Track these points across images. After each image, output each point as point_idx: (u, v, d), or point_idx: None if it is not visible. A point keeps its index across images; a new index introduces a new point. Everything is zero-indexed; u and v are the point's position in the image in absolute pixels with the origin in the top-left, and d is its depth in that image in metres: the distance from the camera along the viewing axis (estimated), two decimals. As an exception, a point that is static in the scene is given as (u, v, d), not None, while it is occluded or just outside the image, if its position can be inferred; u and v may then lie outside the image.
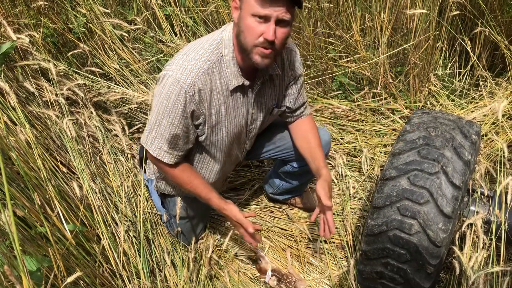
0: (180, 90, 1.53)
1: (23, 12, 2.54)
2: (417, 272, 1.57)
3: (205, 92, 1.58)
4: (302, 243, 2.27)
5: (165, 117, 1.58)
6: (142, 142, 1.70)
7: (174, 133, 1.62)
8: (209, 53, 1.58)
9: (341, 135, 2.77)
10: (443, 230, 1.50)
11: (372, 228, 1.60)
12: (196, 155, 1.84)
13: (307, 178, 2.25)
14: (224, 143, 1.78)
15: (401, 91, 2.91)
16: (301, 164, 2.11)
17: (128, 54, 2.84)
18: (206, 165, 1.88)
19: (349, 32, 2.93)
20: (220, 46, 1.59)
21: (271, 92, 1.81)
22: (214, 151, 1.81)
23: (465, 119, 1.74)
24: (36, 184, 1.68)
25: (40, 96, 2.23)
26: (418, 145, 1.62)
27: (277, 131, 2.08)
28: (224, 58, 1.59)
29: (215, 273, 2.10)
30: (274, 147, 2.10)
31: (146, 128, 1.68)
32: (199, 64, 1.55)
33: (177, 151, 1.69)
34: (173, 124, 1.59)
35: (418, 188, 1.53)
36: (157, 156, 1.67)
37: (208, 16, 3.14)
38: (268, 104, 1.83)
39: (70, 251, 1.57)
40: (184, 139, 1.67)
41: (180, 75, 1.53)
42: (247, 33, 1.47)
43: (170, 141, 1.64)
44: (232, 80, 1.62)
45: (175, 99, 1.54)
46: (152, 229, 2.03)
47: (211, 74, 1.57)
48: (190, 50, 1.59)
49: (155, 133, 1.63)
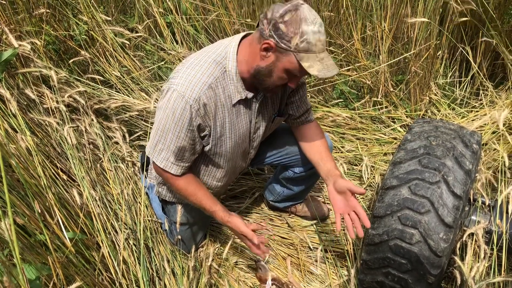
0: (185, 104, 1.53)
1: (25, 20, 2.55)
2: (418, 282, 1.56)
3: (210, 106, 1.59)
4: (303, 251, 2.26)
5: (171, 131, 1.59)
6: (148, 153, 1.69)
7: (181, 145, 1.62)
8: (213, 67, 1.58)
9: (341, 143, 2.77)
10: (444, 240, 1.49)
11: (373, 237, 1.60)
12: (201, 165, 1.84)
13: (309, 184, 2.25)
14: (228, 153, 1.78)
15: (401, 99, 2.91)
16: (302, 169, 2.12)
17: (129, 62, 2.84)
18: (210, 174, 1.88)
19: (350, 41, 2.94)
20: (225, 61, 1.59)
21: (274, 101, 1.82)
22: (218, 161, 1.81)
23: (466, 129, 1.74)
24: (36, 191, 1.67)
25: (41, 103, 2.23)
26: (419, 154, 1.62)
27: (279, 136, 2.08)
28: (228, 73, 1.59)
29: (215, 282, 2.09)
30: (276, 153, 2.10)
31: (151, 139, 1.67)
32: (203, 78, 1.55)
33: (184, 162, 1.69)
34: (179, 137, 1.60)
35: (419, 198, 1.53)
36: (164, 168, 1.68)
37: (210, 24, 3.15)
38: (270, 112, 1.84)
39: (69, 259, 1.56)
40: (191, 151, 1.68)
41: (185, 89, 1.53)
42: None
43: (176, 153, 1.64)
44: (235, 94, 1.63)
45: (180, 113, 1.55)
46: (152, 237, 2.03)
47: (215, 88, 1.58)
48: (194, 64, 1.59)
49: (162, 145, 1.63)
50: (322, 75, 1.47)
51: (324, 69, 1.47)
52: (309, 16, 1.42)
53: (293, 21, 1.42)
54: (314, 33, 1.43)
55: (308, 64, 1.46)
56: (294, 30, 1.42)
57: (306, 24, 1.42)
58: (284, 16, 1.43)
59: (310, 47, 1.44)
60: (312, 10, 1.45)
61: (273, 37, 1.45)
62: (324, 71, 1.47)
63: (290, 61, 1.48)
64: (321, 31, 1.45)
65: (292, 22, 1.42)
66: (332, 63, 1.51)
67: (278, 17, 1.43)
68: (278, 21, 1.43)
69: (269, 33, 1.46)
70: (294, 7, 1.43)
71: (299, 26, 1.42)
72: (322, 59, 1.47)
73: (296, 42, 1.43)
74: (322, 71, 1.47)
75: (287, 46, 1.45)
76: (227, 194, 2.52)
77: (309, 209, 2.39)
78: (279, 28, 1.43)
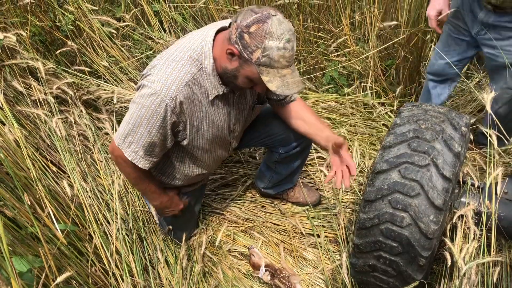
0: (160, 102, 1.52)
1: (9, 11, 2.51)
2: (409, 264, 1.58)
3: (186, 103, 1.58)
4: (295, 237, 2.27)
5: (143, 125, 1.57)
6: (117, 143, 1.65)
7: (151, 141, 1.60)
8: (189, 64, 1.56)
9: (332, 129, 2.78)
10: (434, 222, 1.50)
11: (364, 221, 1.61)
12: (179, 157, 1.83)
13: (296, 165, 2.24)
14: (206, 145, 1.78)
15: (391, 84, 2.91)
16: (286, 149, 2.13)
17: (117, 52, 2.82)
18: (190, 164, 1.87)
19: (339, 26, 2.93)
20: (200, 57, 1.57)
21: (252, 90, 1.81)
22: (196, 153, 1.81)
23: (454, 111, 1.75)
24: (26, 184, 1.66)
25: (28, 95, 2.21)
26: (409, 138, 1.62)
27: (261, 118, 2.08)
28: (204, 69, 1.58)
29: (208, 270, 2.10)
30: (259, 135, 2.10)
31: (121, 129, 1.64)
32: (180, 76, 1.54)
33: (153, 158, 1.68)
34: (151, 133, 1.58)
35: (409, 181, 1.54)
36: (132, 161, 1.65)
37: (197, 12, 3.12)
38: (249, 102, 1.84)
39: (61, 250, 1.56)
40: (161, 147, 1.66)
41: (161, 87, 1.51)
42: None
43: (146, 148, 1.62)
44: (212, 90, 1.62)
45: (154, 111, 1.53)
46: (144, 227, 2.03)
47: (192, 86, 1.57)
48: (170, 60, 1.56)
49: (132, 138, 1.61)
50: (280, 91, 1.45)
51: (284, 86, 1.46)
52: (275, 31, 1.39)
53: (257, 35, 1.39)
54: (279, 49, 1.40)
55: (268, 79, 1.44)
56: (256, 44, 1.40)
57: (271, 40, 1.39)
58: (250, 27, 1.40)
59: (272, 63, 1.42)
60: (282, 24, 1.41)
61: (238, 44, 1.43)
62: (283, 88, 1.46)
63: (252, 71, 1.47)
64: (287, 47, 1.41)
65: (256, 35, 1.39)
66: (295, 81, 1.49)
67: (245, 26, 1.40)
68: (244, 30, 1.41)
69: (235, 39, 1.44)
70: (263, 18, 1.39)
71: (262, 40, 1.39)
72: (283, 75, 1.46)
73: (257, 55, 1.41)
74: (281, 87, 1.45)
75: (249, 57, 1.43)
76: (219, 182, 2.53)
77: (301, 195, 2.40)
78: (243, 38, 1.41)
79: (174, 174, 1.89)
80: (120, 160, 1.69)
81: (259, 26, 1.39)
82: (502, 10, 1.91)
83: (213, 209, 2.41)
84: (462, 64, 2.32)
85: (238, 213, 2.40)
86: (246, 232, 2.32)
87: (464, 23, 2.13)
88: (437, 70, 2.39)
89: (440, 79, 2.43)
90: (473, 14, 2.05)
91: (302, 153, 2.18)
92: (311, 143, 2.18)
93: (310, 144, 2.19)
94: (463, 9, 2.09)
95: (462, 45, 2.21)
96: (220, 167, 2.57)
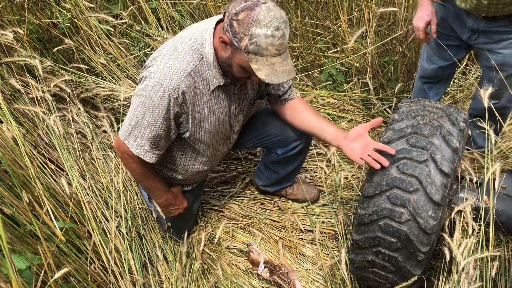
0: (163, 93, 1.52)
1: (6, 8, 2.50)
2: (408, 259, 1.58)
3: (188, 94, 1.58)
4: (294, 234, 2.28)
5: (147, 118, 1.57)
6: (123, 139, 1.65)
7: (156, 133, 1.61)
8: (191, 54, 1.56)
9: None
10: (433, 218, 1.50)
11: (363, 217, 1.61)
12: (183, 151, 1.83)
13: (294, 165, 2.24)
14: (208, 138, 1.78)
15: (389, 80, 2.91)
16: (284, 150, 2.12)
17: (114, 49, 2.81)
18: (192, 159, 1.87)
19: (337, 23, 2.93)
20: (201, 47, 1.57)
21: (253, 85, 1.82)
22: (198, 146, 1.81)
23: (453, 107, 1.75)
24: (24, 181, 1.66)
25: (26, 93, 2.21)
26: (407, 133, 1.63)
27: (260, 118, 2.08)
28: (205, 60, 1.58)
29: (207, 267, 2.10)
30: (257, 135, 2.10)
31: (125, 124, 1.64)
32: (182, 66, 1.54)
33: (159, 150, 1.68)
34: (156, 125, 1.58)
35: (407, 177, 1.54)
36: (138, 155, 1.65)
37: (195, 8, 3.12)
38: (250, 96, 1.84)
39: (60, 248, 1.56)
40: (166, 139, 1.67)
41: (164, 77, 1.52)
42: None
43: (152, 141, 1.63)
44: (213, 80, 1.62)
45: (157, 102, 1.53)
46: (143, 224, 2.03)
47: (194, 76, 1.57)
48: (171, 52, 1.57)
49: (137, 132, 1.61)
50: (269, 80, 1.45)
51: (273, 74, 1.45)
52: (263, 18, 1.39)
53: (244, 22, 1.39)
54: (266, 37, 1.40)
55: (256, 67, 1.45)
56: (244, 31, 1.40)
57: (258, 27, 1.39)
58: (238, 14, 1.40)
59: (260, 51, 1.42)
60: (271, 11, 1.40)
61: (228, 32, 1.44)
62: (272, 76, 1.45)
63: (242, 59, 1.47)
64: (275, 35, 1.40)
65: (244, 22, 1.40)
66: (285, 70, 1.48)
67: (234, 14, 1.41)
68: (233, 18, 1.41)
69: (226, 27, 1.44)
70: (251, 5, 1.40)
71: (249, 28, 1.39)
72: (273, 64, 1.45)
73: (245, 43, 1.42)
74: (270, 76, 1.45)
75: (238, 45, 1.44)
76: (218, 179, 2.53)
77: (300, 192, 2.40)
78: (233, 26, 1.42)
79: (175, 169, 1.89)
80: (126, 156, 1.69)
81: (247, 13, 1.39)
82: (493, 17, 1.88)
83: (212, 206, 2.41)
84: (455, 65, 2.30)
85: (237, 210, 2.40)
86: (245, 228, 2.32)
87: (452, 31, 2.10)
88: (430, 74, 2.37)
89: (435, 81, 2.42)
90: (460, 21, 2.01)
91: (300, 154, 2.18)
92: (309, 144, 2.18)
93: (309, 145, 2.19)
94: (448, 17, 2.07)
95: (452, 49, 2.17)
96: (219, 164, 2.57)
